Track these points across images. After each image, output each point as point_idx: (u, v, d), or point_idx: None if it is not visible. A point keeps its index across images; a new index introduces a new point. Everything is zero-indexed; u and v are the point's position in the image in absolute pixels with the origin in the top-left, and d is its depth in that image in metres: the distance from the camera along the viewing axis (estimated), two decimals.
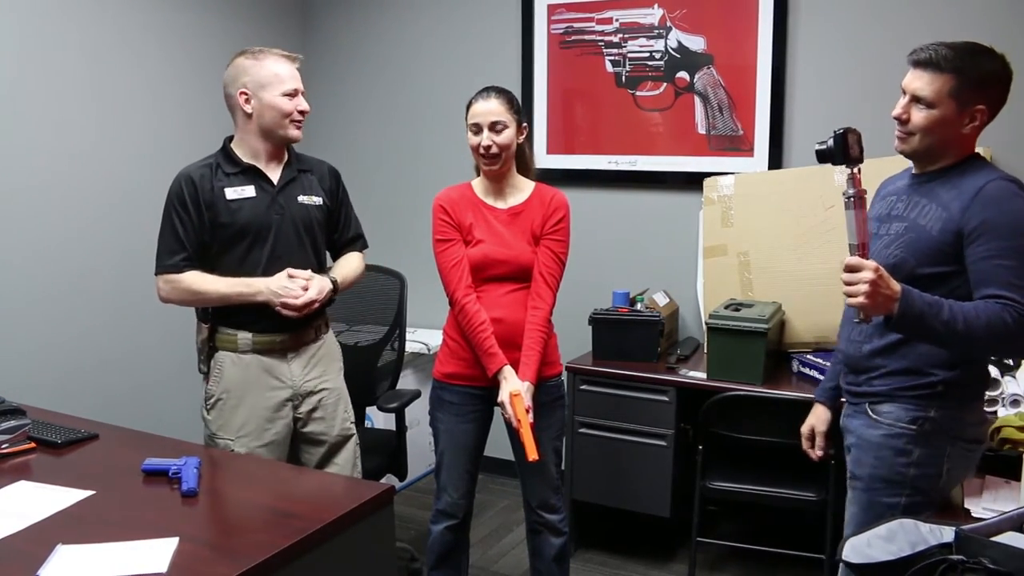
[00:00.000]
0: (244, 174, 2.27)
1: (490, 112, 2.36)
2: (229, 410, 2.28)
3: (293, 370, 2.33)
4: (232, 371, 2.29)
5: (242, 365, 2.29)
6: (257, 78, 2.23)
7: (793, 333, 3.03)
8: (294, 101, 2.26)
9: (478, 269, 2.40)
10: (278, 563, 1.51)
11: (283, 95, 2.23)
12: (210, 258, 2.26)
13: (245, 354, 2.28)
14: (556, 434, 2.53)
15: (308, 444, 2.40)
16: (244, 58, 2.25)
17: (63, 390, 3.04)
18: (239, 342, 2.28)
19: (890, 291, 1.69)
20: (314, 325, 2.38)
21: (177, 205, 2.23)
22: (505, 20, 3.71)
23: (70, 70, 3.11)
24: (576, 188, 3.41)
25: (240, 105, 2.24)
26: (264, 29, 3.87)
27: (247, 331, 2.28)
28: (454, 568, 2.61)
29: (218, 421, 2.30)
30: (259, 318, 2.26)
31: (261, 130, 2.26)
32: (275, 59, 2.26)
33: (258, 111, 2.24)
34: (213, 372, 2.31)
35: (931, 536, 1.64)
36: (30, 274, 3.03)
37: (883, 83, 3.12)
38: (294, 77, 2.27)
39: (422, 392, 3.00)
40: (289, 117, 2.25)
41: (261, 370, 2.30)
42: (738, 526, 3.40)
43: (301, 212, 2.32)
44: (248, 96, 2.23)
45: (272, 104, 2.23)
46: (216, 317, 2.29)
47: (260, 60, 2.24)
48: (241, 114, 2.26)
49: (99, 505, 1.72)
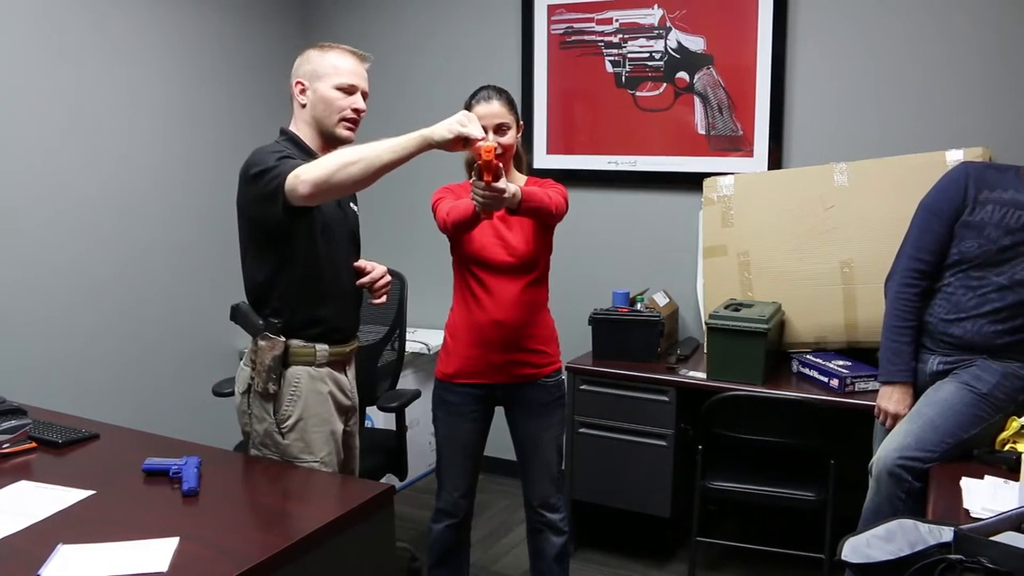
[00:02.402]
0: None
1: (494, 115, 2.35)
2: (312, 429, 2.08)
3: (351, 381, 2.25)
4: (310, 387, 2.09)
5: (318, 379, 2.10)
6: (315, 68, 2.09)
7: (793, 333, 3.03)
8: (350, 99, 2.10)
9: (480, 261, 2.40)
10: (278, 563, 1.52)
11: (337, 87, 2.08)
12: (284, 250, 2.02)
13: (321, 367, 2.11)
14: (557, 433, 2.53)
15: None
16: (313, 49, 2.12)
17: (64, 390, 3.05)
18: (317, 355, 2.09)
19: None
20: (358, 338, 2.30)
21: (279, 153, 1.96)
22: (505, 20, 3.71)
23: (71, 71, 3.11)
24: (576, 188, 3.40)
25: (296, 95, 2.11)
26: (265, 29, 3.87)
27: (324, 343, 2.10)
28: (454, 567, 2.61)
29: (299, 444, 2.07)
30: (333, 329, 2.12)
31: (314, 122, 2.11)
32: (340, 53, 2.11)
33: (311, 102, 2.09)
34: (287, 391, 2.06)
35: (930, 536, 1.65)
36: (31, 274, 3.03)
37: (883, 83, 3.13)
38: (355, 73, 2.11)
39: (422, 392, 3.00)
40: (340, 113, 2.09)
41: (333, 384, 2.15)
42: (738, 526, 3.40)
43: (353, 217, 2.25)
44: (304, 86, 2.09)
45: (324, 96, 2.08)
46: (289, 330, 2.07)
47: (325, 52, 2.10)
48: (297, 104, 2.13)
49: (100, 505, 1.72)
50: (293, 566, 1.55)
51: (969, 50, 2.98)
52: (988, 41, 2.96)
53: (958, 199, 2.27)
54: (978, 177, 2.26)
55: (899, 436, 2.19)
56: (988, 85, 2.91)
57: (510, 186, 2.08)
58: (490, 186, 2.00)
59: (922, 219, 2.33)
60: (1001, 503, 1.82)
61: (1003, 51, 2.93)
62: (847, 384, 2.73)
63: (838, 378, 2.74)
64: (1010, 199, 2.19)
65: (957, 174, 2.31)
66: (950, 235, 2.26)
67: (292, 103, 2.15)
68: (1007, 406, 2.18)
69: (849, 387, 2.73)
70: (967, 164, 2.35)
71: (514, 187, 2.12)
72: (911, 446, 2.14)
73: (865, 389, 2.71)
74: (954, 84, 3.00)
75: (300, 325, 2.07)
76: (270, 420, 2.07)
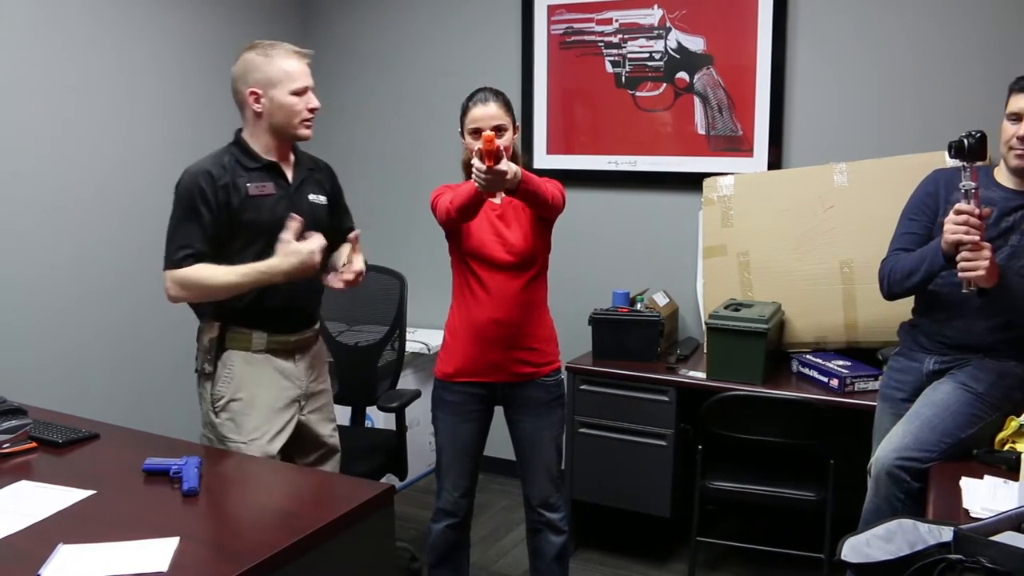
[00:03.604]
0: (264, 170, 2.22)
1: (491, 117, 2.35)
2: (242, 412, 2.21)
3: (300, 370, 2.31)
4: (244, 371, 2.22)
5: (255, 364, 2.22)
6: (268, 76, 2.16)
7: (793, 333, 3.03)
8: (304, 99, 2.19)
9: (478, 258, 2.40)
10: (278, 563, 1.51)
11: (293, 93, 2.17)
12: (225, 256, 2.17)
13: (258, 354, 2.23)
14: (556, 433, 2.53)
15: (305, 447, 2.38)
16: (255, 53, 2.18)
17: (64, 390, 3.05)
18: (253, 341, 2.22)
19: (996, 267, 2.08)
20: (316, 327, 2.37)
21: (196, 200, 2.13)
22: (505, 20, 3.71)
23: (71, 71, 3.12)
24: (576, 188, 3.41)
25: (250, 103, 2.18)
26: (265, 29, 3.86)
27: (262, 330, 2.22)
28: (454, 567, 2.61)
29: (229, 423, 2.21)
30: (275, 318, 2.22)
31: (272, 128, 2.21)
32: (285, 55, 2.18)
33: (268, 110, 2.18)
34: (222, 372, 2.22)
35: (930, 536, 1.65)
36: (31, 274, 3.03)
37: (883, 83, 3.13)
38: (304, 74, 2.20)
39: (422, 392, 3.01)
40: (300, 116, 2.19)
41: (273, 370, 2.25)
42: (738, 526, 3.40)
43: (312, 211, 2.29)
44: (258, 95, 2.17)
45: (283, 103, 2.17)
46: (228, 315, 2.21)
47: (271, 57, 2.17)
48: (251, 112, 2.20)
49: (100, 505, 1.72)
50: (293, 566, 1.55)
51: (969, 50, 2.98)
52: (988, 40, 2.96)
53: (932, 203, 2.31)
54: (948, 180, 2.30)
55: (897, 436, 2.19)
56: (988, 85, 2.91)
57: (511, 166, 2.11)
58: (492, 169, 2.06)
59: (903, 225, 2.38)
60: (1001, 503, 1.82)
61: (1003, 50, 2.93)
62: (847, 384, 2.73)
63: (838, 378, 2.74)
64: (980, 196, 2.19)
65: (928, 180, 2.37)
66: (930, 237, 2.27)
67: (243, 109, 2.21)
68: (1004, 405, 2.18)
69: (849, 387, 2.73)
70: (938, 170, 2.39)
71: (515, 167, 2.14)
72: (909, 446, 2.14)
73: (865, 389, 2.71)
74: (954, 84, 3.01)
75: (237, 312, 2.20)
76: (208, 400, 2.24)
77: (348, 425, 3.12)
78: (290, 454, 2.34)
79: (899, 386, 2.36)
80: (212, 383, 2.23)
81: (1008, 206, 2.20)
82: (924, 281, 2.24)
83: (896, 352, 2.44)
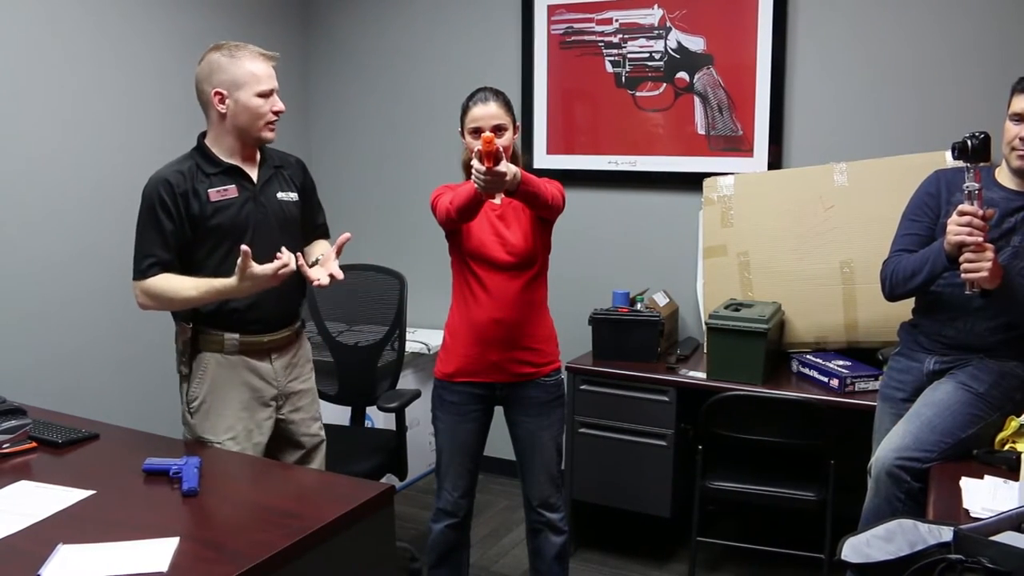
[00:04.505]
0: (225, 174, 2.21)
1: (491, 116, 2.35)
2: (216, 412, 2.22)
3: (277, 370, 2.30)
4: (217, 372, 2.22)
5: (228, 366, 2.23)
6: (233, 77, 2.14)
7: (793, 333, 3.03)
8: (269, 101, 2.18)
9: (478, 258, 2.40)
10: (278, 563, 1.52)
11: (258, 95, 2.16)
12: (192, 261, 2.19)
13: (231, 355, 2.23)
14: (556, 433, 2.53)
15: (287, 446, 2.37)
16: (220, 54, 2.15)
17: (64, 390, 3.04)
18: (226, 343, 2.22)
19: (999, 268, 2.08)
20: (295, 327, 2.36)
21: (156, 209, 2.15)
22: (505, 20, 3.71)
23: (71, 71, 3.12)
24: (576, 188, 3.41)
25: (214, 104, 2.16)
26: (265, 29, 3.87)
27: (234, 332, 2.22)
28: (454, 567, 2.61)
29: (204, 424, 2.22)
30: (246, 319, 2.22)
31: (235, 130, 2.19)
32: (252, 57, 2.16)
33: (233, 111, 2.16)
34: (196, 374, 2.23)
35: (930, 536, 1.65)
36: (31, 274, 3.03)
37: (883, 83, 3.13)
38: (270, 76, 2.19)
39: (422, 392, 3.00)
40: (264, 119, 2.18)
41: (247, 370, 2.24)
42: (738, 526, 3.40)
43: (281, 210, 2.29)
44: (223, 96, 2.14)
45: (247, 105, 2.15)
46: (200, 317, 2.21)
47: (236, 58, 2.15)
48: (215, 113, 2.18)
49: (100, 505, 1.72)
50: (293, 566, 1.55)
51: (969, 50, 2.98)
52: (988, 40, 2.96)
53: (933, 203, 2.31)
54: (949, 180, 2.30)
55: (897, 436, 2.19)
56: (988, 85, 2.91)
57: (510, 167, 2.11)
58: (491, 170, 2.05)
59: (904, 226, 2.38)
60: (1001, 503, 1.82)
61: (1003, 50, 2.93)
62: (847, 384, 2.73)
63: (838, 378, 2.74)
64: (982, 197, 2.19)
65: (929, 181, 2.36)
66: (932, 239, 2.27)
67: (207, 110, 2.21)
68: (1004, 405, 2.18)
69: (849, 387, 2.73)
70: (939, 170, 2.39)
71: (514, 168, 2.15)
72: (909, 446, 2.14)
73: (865, 389, 2.71)
74: (954, 84, 3.00)
75: (209, 315, 2.20)
76: (184, 400, 2.26)
77: (348, 425, 3.13)
78: (274, 453, 2.34)
79: (899, 386, 2.36)
80: (188, 384, 2.25)
81: (1010, 207, 2.20)
82: (927, 282, 2.24)
83: (896, 352, 2.44)
